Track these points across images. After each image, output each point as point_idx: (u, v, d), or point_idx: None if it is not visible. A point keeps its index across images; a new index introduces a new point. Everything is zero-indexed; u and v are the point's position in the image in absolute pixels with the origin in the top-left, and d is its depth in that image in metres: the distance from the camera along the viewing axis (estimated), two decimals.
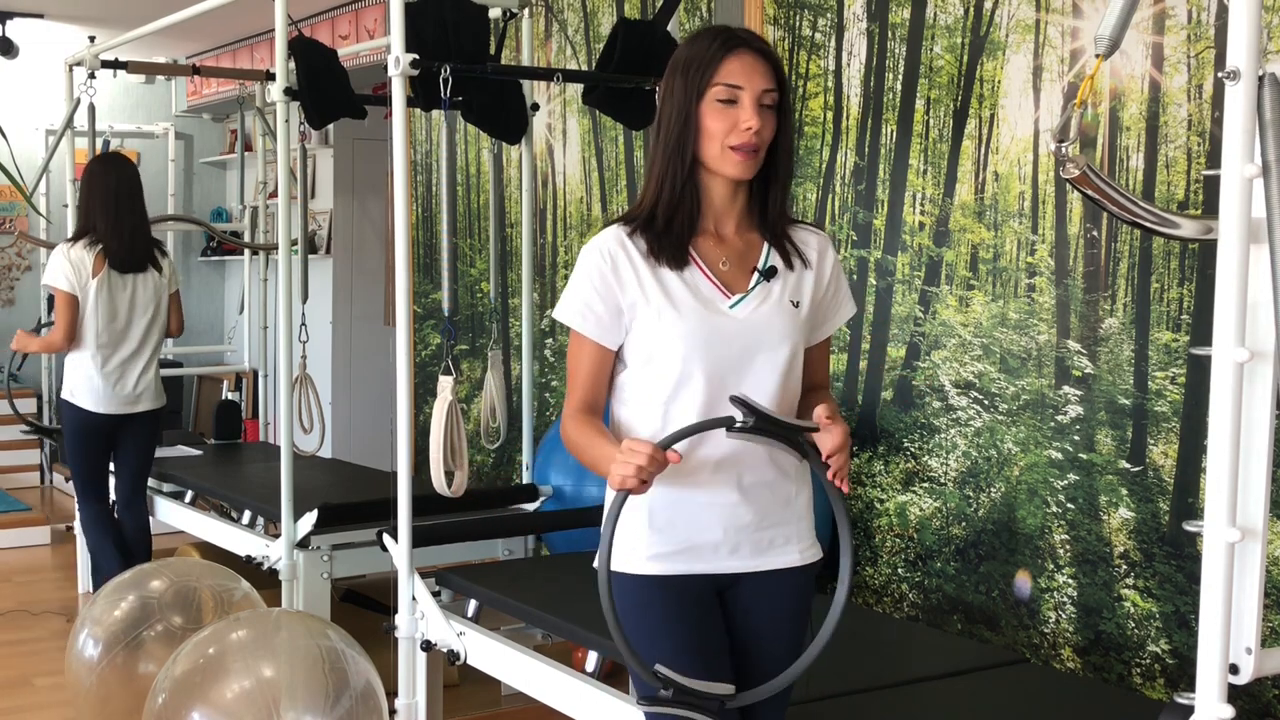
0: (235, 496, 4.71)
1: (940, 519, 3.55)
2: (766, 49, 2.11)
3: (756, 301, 2.15)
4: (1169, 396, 3.02)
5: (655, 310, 2.12)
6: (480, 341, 5.60)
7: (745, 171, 2.10)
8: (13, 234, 8.07)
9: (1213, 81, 2.92)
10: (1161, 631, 3.04)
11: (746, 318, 2.14)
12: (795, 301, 2.17)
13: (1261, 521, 1.79)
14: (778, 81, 2.10)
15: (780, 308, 2.15)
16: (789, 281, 2.17)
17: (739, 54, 2.08)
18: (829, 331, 2.26)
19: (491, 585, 3.40)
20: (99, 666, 3.52)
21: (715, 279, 2.14)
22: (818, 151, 3.91)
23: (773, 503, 2.19)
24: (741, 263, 2.16)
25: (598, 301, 2.14)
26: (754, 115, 2.06)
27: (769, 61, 2.09)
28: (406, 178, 3.41)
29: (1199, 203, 2.97)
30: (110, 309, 4.63)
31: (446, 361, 3.44)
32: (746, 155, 2.08)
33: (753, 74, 2.07)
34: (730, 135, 2.07)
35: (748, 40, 2.10)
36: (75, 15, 7.01)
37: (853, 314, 2.29)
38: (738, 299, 2.14)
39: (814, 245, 2.21)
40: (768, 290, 2.16)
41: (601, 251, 2.15)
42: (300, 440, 4.33)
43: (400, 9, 3.33)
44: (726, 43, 2.09)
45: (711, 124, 2.08)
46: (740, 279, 2.15)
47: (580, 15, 4.96)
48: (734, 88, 2.07)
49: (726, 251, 2.16)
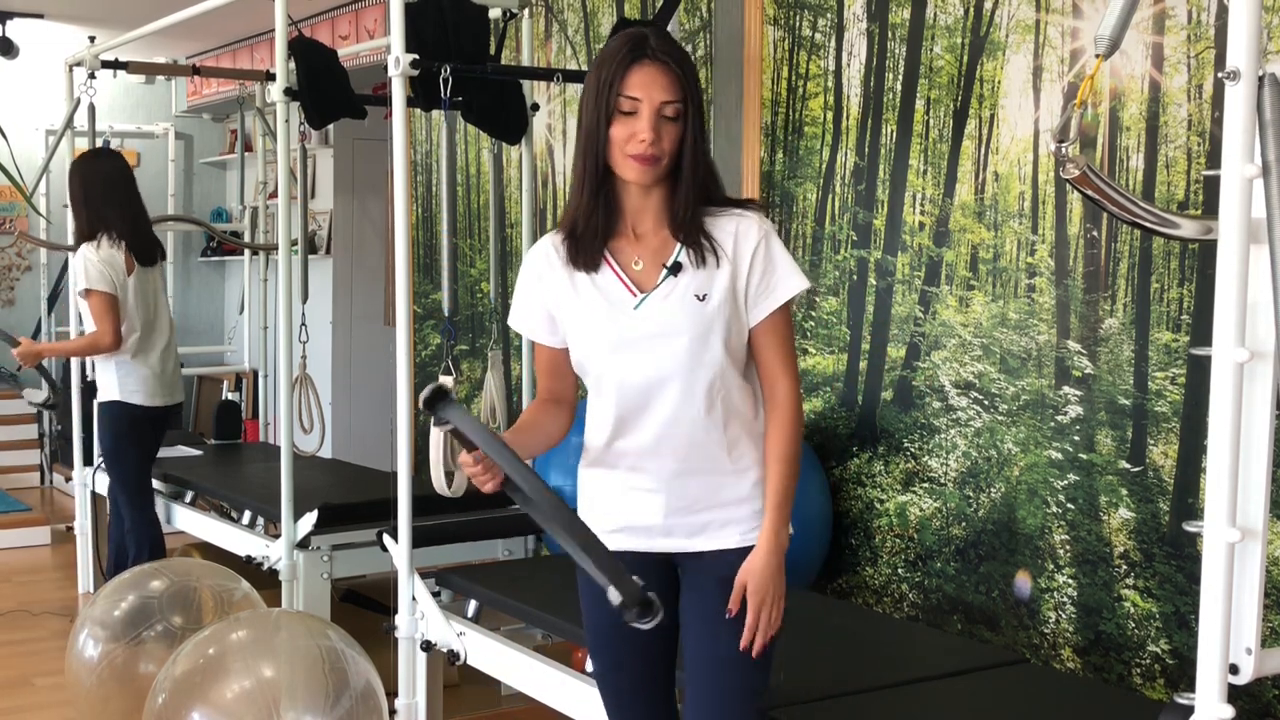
0: (235, 496, 4.71)
1: (940, 519, 3.55)
2: (671, 58, 2.17)
3: (660, 298, 2.23)
4: (1169, 396, 3.02)
5: (572, 314, 2.28)
6: (480, 341, 5.60)
7: (643, 178, 2.19)
8: (13, 234, 8.07)
9: (1213, 81, 2.92)
10: (1161, 631, 3.04)
11: (649, 315, 2.23)
12: (701, 295, 2.22)
13: (1261, 521, 1.79)
14: (682, 90, 2.17)
15: (683, 302, 2.22)
16: (698, 277, 2.22)
17: (641, 65, 2.16)
18: (766, 310, 2.24)
19: (491, 585, 3.40)
20: (99, 666, 3.52)
21: (627, 279, 2.25)
22: (818, 151, 3.91)
23: (705, 489, 2.25)
24: (654, 261, 2.24)
25: (536, 306, 2.34)
26: (649, 128, 2.15)
27: (671, 72, 2.16)
28: (406, 178, 3.41)
29: (1199, 203, 2.97)
30: (144, 303, 4.66)
31: (446, 361, 3.45)
32: (643, 163, 2.16)
33: (651, 86, 2.16)
34: (629, 144, 2.16)
35: (651, 51, 2.17)
36: (75, 15, 7.01)
37: (800, 289, 2.25)
38: (642, 298, 2.23)
39: (733, 233, 2.23)
40: (673, 285, 2.23)
41: (533, 259, 2.36)
42: (300, 440, 4.33)
43: (400, 9, 3.33)
44: (630, 54, 2.17)
45: (614, 132, 2.18)
46: (652, 278, 2.24)
47: (580, 15, 4.96)
48: (634, 99, 2.16)
49: (641, 251, 2.25)
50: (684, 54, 2.22)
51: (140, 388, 4.62)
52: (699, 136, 2.21)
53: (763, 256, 2.23)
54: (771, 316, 2.24)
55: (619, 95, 2.17)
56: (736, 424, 2.25)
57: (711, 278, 2.23)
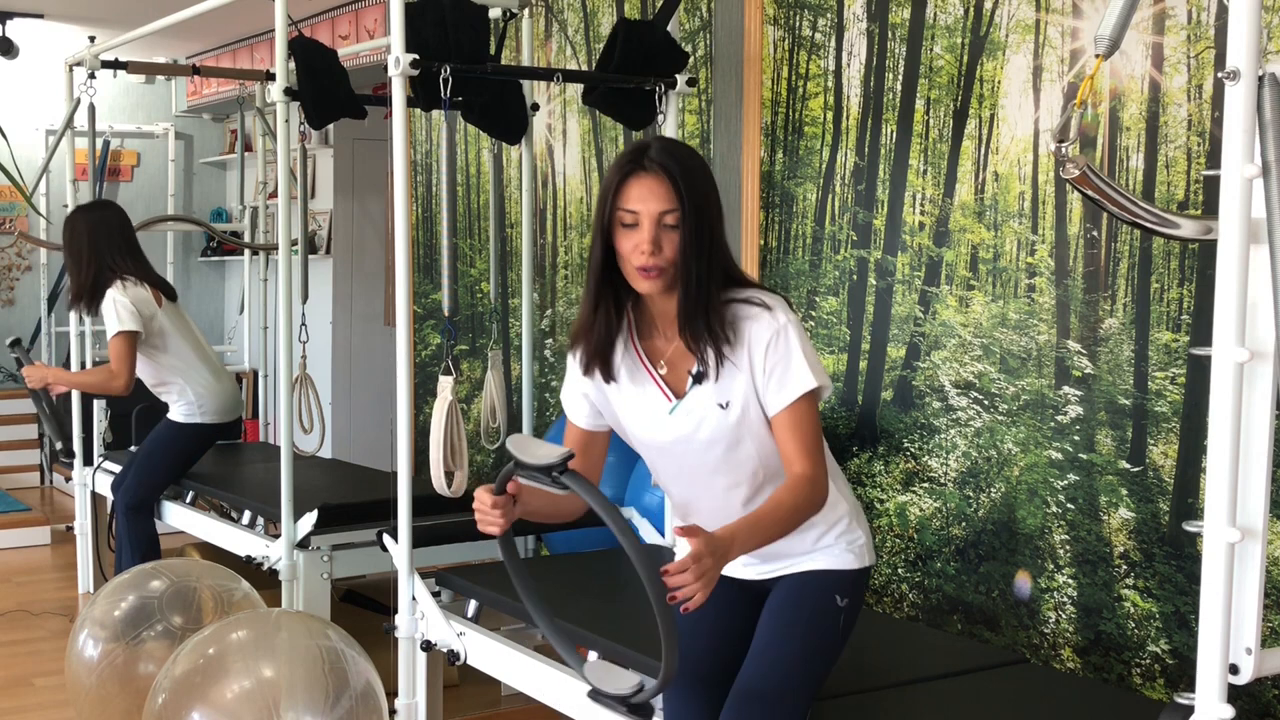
0: (235, 497, 4.71)
1: (940, 519, 3.56)
2: (666, 167, 2.17)
3: (689, 406, 2.29)
4: (1169, 396, 3.02)
5: (616, 412, 2.37)
6: (480, 341, 5.60)
7: (652, 288, 2.21)
8: (13, 234, 8.07)
9: (1213, 81, 2.92)
10: (1161, 631, 3.04)
11: (682, 422, 2.30)
12: (723, 403, 2.27)
13: (1261, 521, 1.79)
14: (679, 198, 2.17)
15: (709, 410, 2.28)
16: (720, 384, 2.26)
17: (637, 177, 2.18)
18: (779, 406, 2.25)
19: (491, 585, 3.40)
20: (99, 666, 3.52)
21: (662, 384, 2.31)
22: (818, 151, 3.92)
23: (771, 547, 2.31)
24: (681, 365, 2.29)
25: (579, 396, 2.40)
26: (648, 239, 2.17)
27: (668, 181, 2.17)
28: (406, 178, 3.41)
29: (1199, 203, 2.97)
30: (186, 330, 4.80)
31: (446, 361, 3.45)
32: (647, 275, 2.19)
33: (649, 198, 2.17)
34: (633, 256, 2.19)
35: (648, 162, 2.18)
36: (75, 15, 7.01)
37: (810, 387, 2.24)
38: (674, 405, 2.30)
39: (748, 334, 2.24)
40: (698, 394, 2.28)
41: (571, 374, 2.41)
42: (300, 440, 4.33)
43: (400, 9, 3.33)
44: (627, 165, 2.20)
45: (620, 245, 2.21)
46: (683, 383, 2.30)
47: (580, 15, 4.96)
48: (633, 212, 2.18)
49: (671, 354, 2.30)
50: (685, 158, 2.22)
51: (214, 405, 4.79)
52: (703, 238, 2.19)
53: (778, 353, 2.24)
54: (789, 409, 2.24)
55: (618, 209, 2.19)
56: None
57: (731, 383, 2.26)
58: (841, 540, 2.41)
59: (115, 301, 4.58)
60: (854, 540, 2.42)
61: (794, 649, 2.35)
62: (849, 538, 2.41)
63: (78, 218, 4.77)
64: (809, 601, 2.40)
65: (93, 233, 4.68)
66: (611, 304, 2.27)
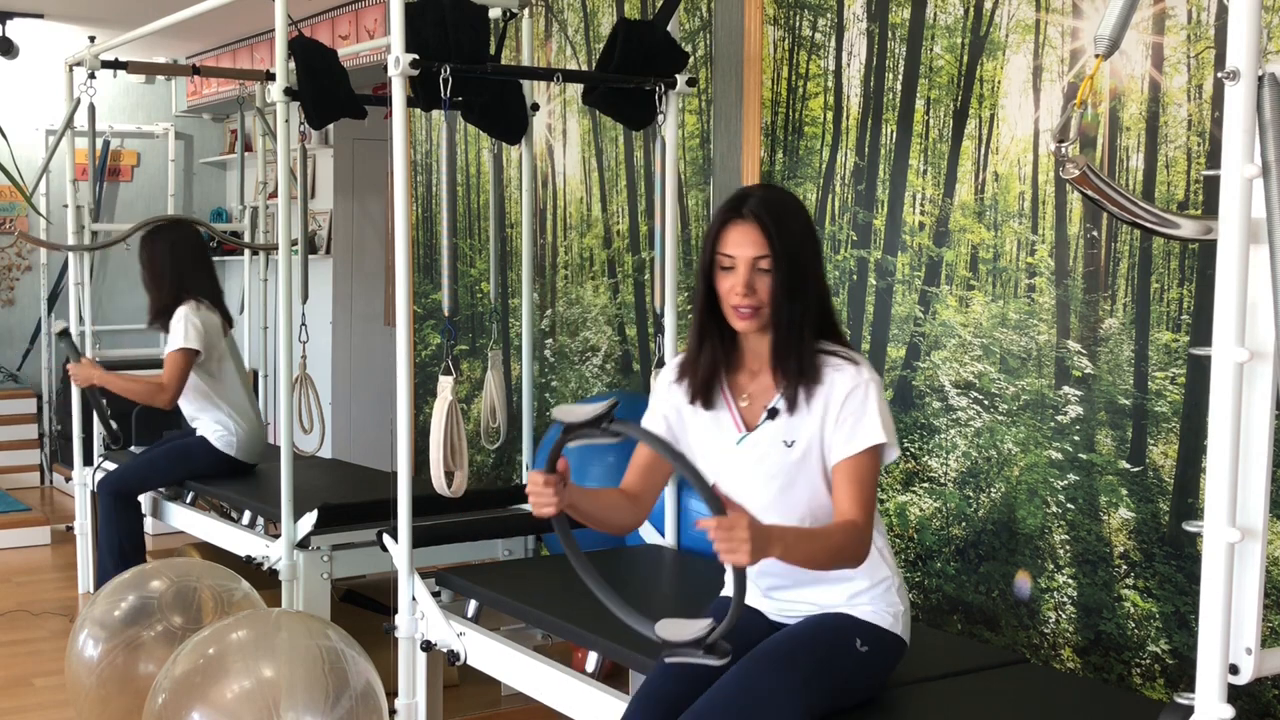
0: (235, 496, 4.71)
1: (940, 519, 3.56)
2: (760, 218, 2.32)
3: (756, 439, 2.41)
4: (1169, 396, 3.02)
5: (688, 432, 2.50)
6: (480, 341, 5.60)
7: (747, 327, 2.37)
8: (13, 234, 8.07)
9: (1213, 81, 2.92)
10: (1161, 631, 3.04)
11: (748, 453, 2.42)
12: (789, 442, 2.38)
13: (1261, 521, 1.79)
14: (770, 245, 2.32)
15: (773, 446, 2.39)
16: (791, 423, 2.38)
17: (735, 224, 2.35)
18: (843, 454, 2.34)
19: (491, 585, 3.40)
20: (99, 666, 3.52)
21: (737, 414, 2.44)
22: (818, 151, 3.91)
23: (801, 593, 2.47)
24: (760, 399, 2.43)
25: (658, 415, 2.53)
26: (742, 282, 2.33)
27: (762, 230, 2.32)
28: (406, 178, 3.41)
29: (1199, 203, 2.97)
30: (239, 362, 4.90)
31: (446, 361, 3.45)
32: (740, 315, 2.35)
33: (743, 243, 2.33)
34: (729, 297, 2.36)
35: (745, 211, 2.34)
36: (75, 15, 7.01)
37: (879, 441, 2.34)
38: (743, 436, 2.42)
39: (830, 381, 2.36)
40: (768, 429, 2.40)
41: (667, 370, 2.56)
42: (300, 440, 4.33)
43: (400, 9, 3.33)
44: (727, 213, 2.36)
45: (720, 285, 2.37)
46: (757, 416, 2.43)
47: (580, 15, 4.96)
48: (730, 256, 2.35)
49: (753, 388, 2.44)
50: (780, 208, 2.36)
51: (248, 447, 4.87)
52: (795, 283, 2.33)
53: (855, 403, 2.34)
54: (853, 459, 2.33)
55: (718, 252, 2.36)
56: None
57: (802, 424, 2.37)
58: (879, 601, 2.45)
59: (187, 318, 4.68)
60: (892, 604, 2.46)
61: (798, 659, 2.34)
62: (887, 599, 2.46)
63: (158, 236, 4.87)
64: (825, 634, 2.42)
65: (174, 251, 4.80)
66: (717, 339, 2.43)
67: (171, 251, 4.79)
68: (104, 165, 8.26)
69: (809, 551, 2.22)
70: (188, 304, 4.71)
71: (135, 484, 4.85)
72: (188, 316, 4.68)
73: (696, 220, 4.43)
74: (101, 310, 7.64)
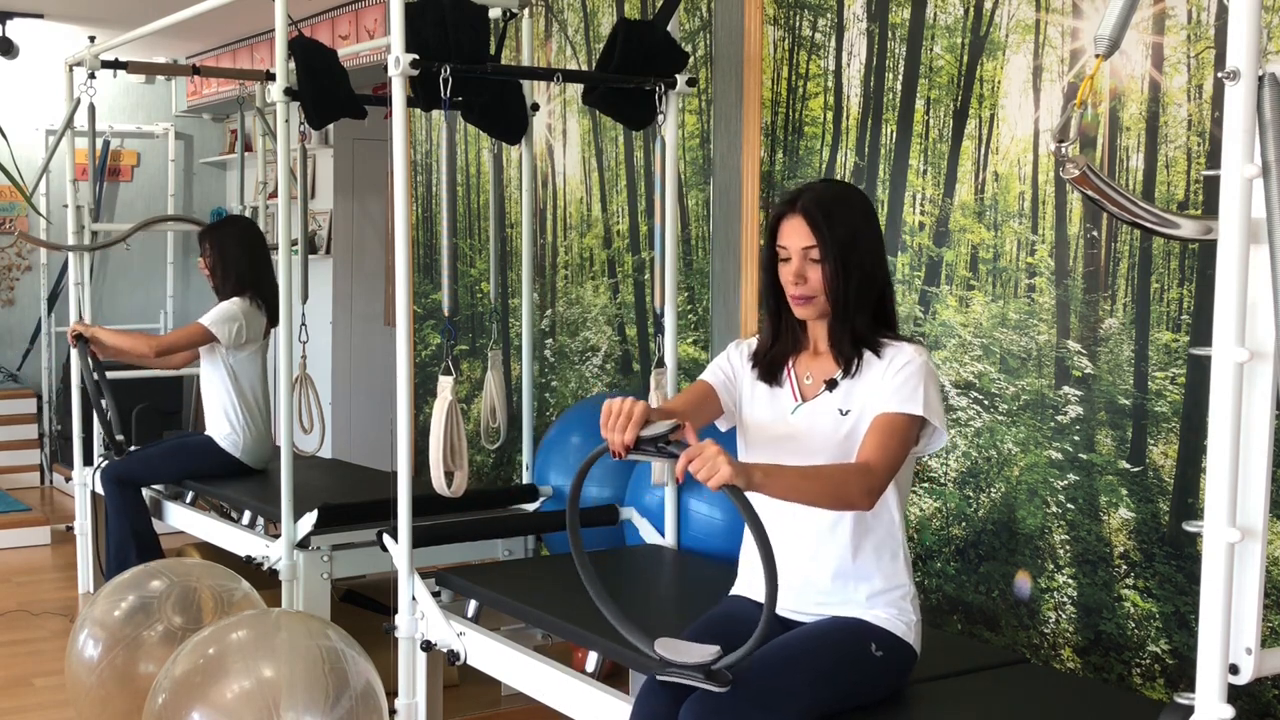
0: (235, 496, 4.71)
1: (940, 519, 3.56)
2: (809, 213, 2.46)
3: (812, 408, 2.52)
4: (1169, 396, 3.02)
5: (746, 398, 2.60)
6: (480, 341, 5.60)
7: (804, 314, 2.51)
8: (13, 234, 8.07)
9: (1213, 81, 2.92)
10: (1161, 631, 3.04)
11: (801, 421, 2.52)
12: (844, 410, 2.48)
13: (1261, 521, 1.79)
14: (817, 237, 2.44)
15: (829, 415, 2.50)
16: (849, 394, 2.49)
17: (788, 218, 2.49)
18: (883, 409, 2.42)
19: (491, 585, 3.40)
20: (99, 666, 3.52)
21: (796, 389, 2.56)
22: (818, 151, 3.92)
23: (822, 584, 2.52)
24: (821, 377, 2.54)
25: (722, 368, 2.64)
26: (794, 271, 2.47)
27: (811, 222, 2.45)
28: (406, 178, 3.41)
29: (1199, 203, 2.97)
30: (263, 373, 4.95)
31: (446, 361, 3.45)
32: (796, 302, 2.50)
33: (793, 235, 2.48)
34: (786, 285, 2.50)
35: (799, 205, 2.48)
36: (75, 15, 7.01)
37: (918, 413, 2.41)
38: (799, 405, 2.54)
39: (888, 359, 2.46)
40: (826, 399, 2.51)
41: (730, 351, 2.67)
42: (300, 440, 4.33)
43: (400, 9, 3.33)
44: (782, 208, 2.51)
45: (780, 276, 2.52)
46: (814, 388, 2.54)
47: (580, 15, 4.96)
48: (784, 248, 2.50)
49: (815, 368, 2.55)
50: (831, 202, 2.48)
51: (254, 453, 4.92)
52: (849, 272, 2.44)
53: (909, 373, 2.43)
54: (889, 415, 2.41)
55: (775, 245, 2.51)
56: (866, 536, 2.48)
57: (856, 394, 2.47)
58: (894, 608, 2.50)
59: (230, 305, 4.80)
60: (905, 614, 2.51)
61: (812, 658, 2.37)
62: (901, 606, 2.51)
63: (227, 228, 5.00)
64: (841, 635, 2.44)
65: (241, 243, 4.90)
66: (786, 326, 2.57)
67: (239, 244, 4.90)
68: (104, 165, 8.26)
69: (794, 482, 2.27)
70: (243, 296, 4.83)
71: (140, 475, 4.87)
72: (234, 302, 4.80)
73: (696, 220, 4.43)
74: (101, 310, 7.64)
